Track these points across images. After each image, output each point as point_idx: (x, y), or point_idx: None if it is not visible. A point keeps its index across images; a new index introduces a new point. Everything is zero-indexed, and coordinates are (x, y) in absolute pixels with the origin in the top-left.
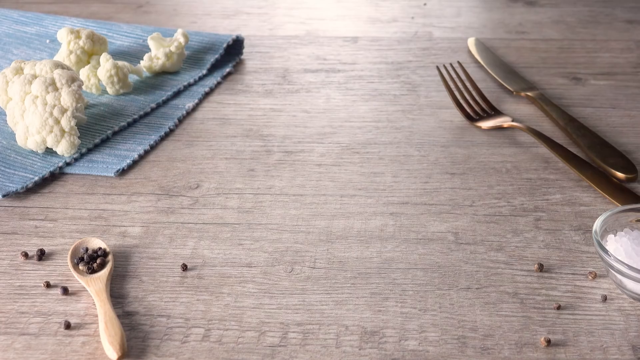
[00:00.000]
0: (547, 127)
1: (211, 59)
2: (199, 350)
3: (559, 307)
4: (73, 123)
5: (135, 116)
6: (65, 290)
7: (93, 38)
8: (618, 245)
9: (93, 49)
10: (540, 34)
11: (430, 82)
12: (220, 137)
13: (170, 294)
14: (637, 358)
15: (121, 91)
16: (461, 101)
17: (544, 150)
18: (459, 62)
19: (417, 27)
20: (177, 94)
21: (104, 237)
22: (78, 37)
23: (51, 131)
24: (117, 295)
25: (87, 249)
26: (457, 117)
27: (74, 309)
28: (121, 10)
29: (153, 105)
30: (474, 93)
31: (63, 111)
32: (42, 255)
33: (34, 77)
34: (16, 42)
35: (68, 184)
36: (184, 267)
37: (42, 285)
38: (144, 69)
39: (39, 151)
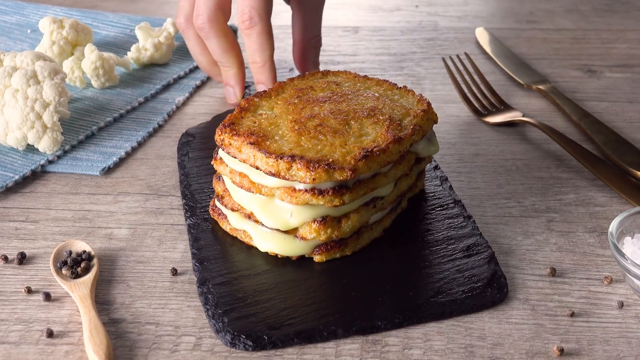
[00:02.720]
0: (560, 123)
1: None
2: None
3: (572, 314)
4: (56, 118)
5: (122, 111)
6: (47, 296)
7: (77, 28)
8: (635, 249)
9: (77, 39)
10: (553, 23)
11: (436, 74)
12: None
13: (159, 300)
14: None
15: (107, 84)
16: (468, 95)
17: (556, 147)
18: (466, 54)
19: (421, 16)
20: (166, 87)
21: (89, 239)
22: (61, 26)
23: (32, 127)
24: (102, 301)
25: (70, 252)
26: (464, 112)
27: (57, 316)
28: None
29: (141, 99)
30: (482, 86)
31: (45, 106)
32: (22, 258)
33: (14, 69)
34: None
35: (50, 183)
36: (174, 272)
37: (23, 290)
38: (131, 61)
39: (19, 148)
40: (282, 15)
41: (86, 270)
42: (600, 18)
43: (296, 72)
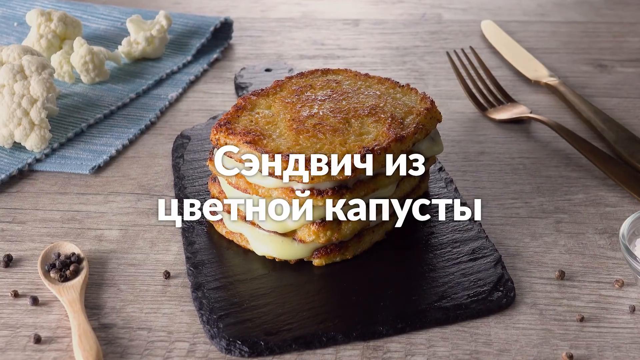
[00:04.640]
0: (569, 120)
1: (197, 44)
2: None
3: (582, 319)
4: (44, 115)
5: (113, 107)
6: (34, 300)
7: (66, 21)
8: None
9: (66, 32)
10: (562, 16)
11: (440, 69)
12: None
13: (151, 305)
14: None
15: (97, 80)
16: (474, 90)
17: (565, 144)
18: (471, 48)
19: (424, 8)
20: (158, 82)
21: (78, 241)
22: (49, 19)
23: (19, 124)
24: (92, 305)
25: (59, 255)
26: (469, 108)
27: (45, 321)
28: None
29: (132, 95)
30: (487, 81)
31: (32, 102)
32: (9, 261)
33: (0, 63)
34: None
35: (38, 182)
36: (167, 275)
37: (10, 294)
38: (122, 55)
39: (5, 146)
40: (280, 8)
41: (75, 273)
42: (612, 11)
43: (295, 71)
